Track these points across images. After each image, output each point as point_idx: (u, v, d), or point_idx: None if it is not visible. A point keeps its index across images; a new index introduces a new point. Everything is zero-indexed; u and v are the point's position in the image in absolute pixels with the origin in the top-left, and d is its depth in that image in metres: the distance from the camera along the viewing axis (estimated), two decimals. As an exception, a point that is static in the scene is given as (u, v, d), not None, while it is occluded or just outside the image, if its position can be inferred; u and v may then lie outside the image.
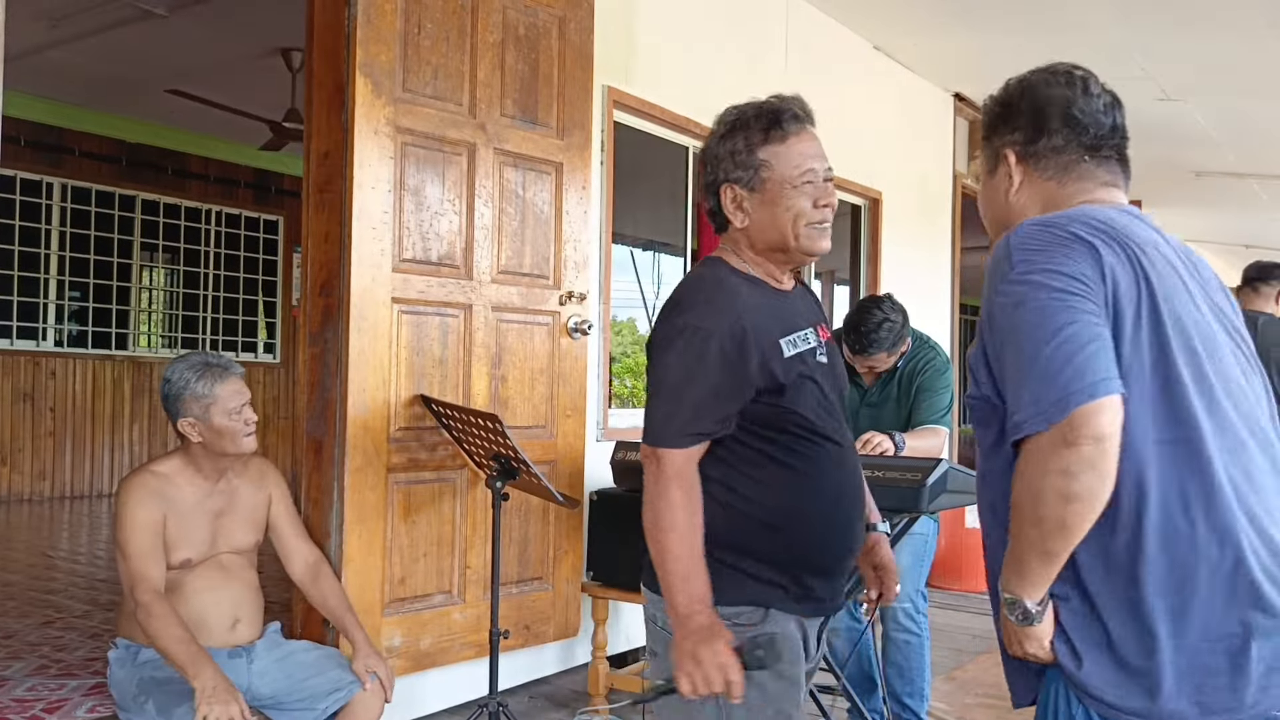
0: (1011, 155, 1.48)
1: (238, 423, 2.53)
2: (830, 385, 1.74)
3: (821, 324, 1.79)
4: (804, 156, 1.69)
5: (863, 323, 3.07)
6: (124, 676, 2.51)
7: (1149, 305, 1.28)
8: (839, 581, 1.77)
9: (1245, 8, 5.12)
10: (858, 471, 1.80)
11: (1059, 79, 1.51)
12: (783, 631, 1.65)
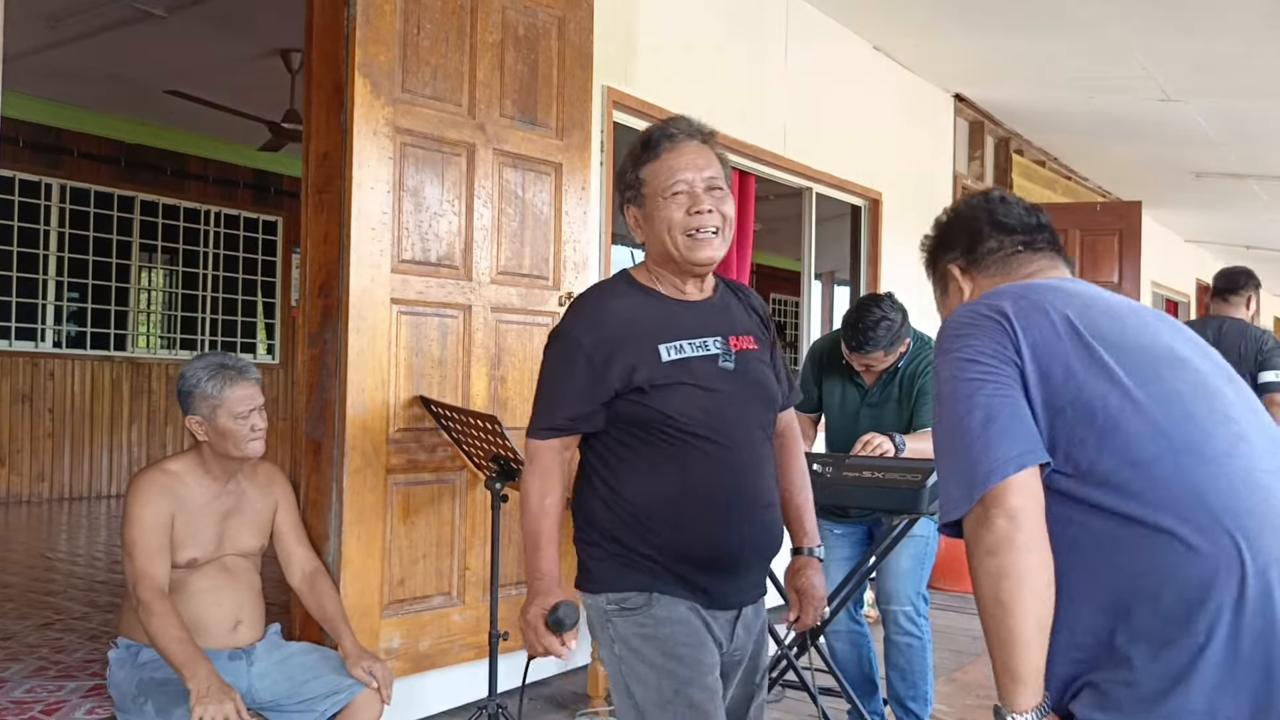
0: (956, 270, 1.60)
1: (243, 427, 2.52)
2: (730, 389, 1.80)
3: (740, 335, 1.87)
4: (674, 169, 1.79)
5: (860, 320, 3.05)
6: (124, 677, 2.50)
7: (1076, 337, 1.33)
8: (731, 580, 1.81)
9: (1246, 8, 5.11)
10: (749, 475, 1.82)
11: (978, 198, 1.67)
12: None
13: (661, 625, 1.77)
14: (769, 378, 1.91)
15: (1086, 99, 6.77)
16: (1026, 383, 1.31)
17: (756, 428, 1.85)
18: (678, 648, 1.75)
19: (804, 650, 2.94)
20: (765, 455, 1.87)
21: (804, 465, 2.06)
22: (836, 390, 3.29)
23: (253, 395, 2.56)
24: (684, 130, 1.83)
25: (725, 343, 1.83)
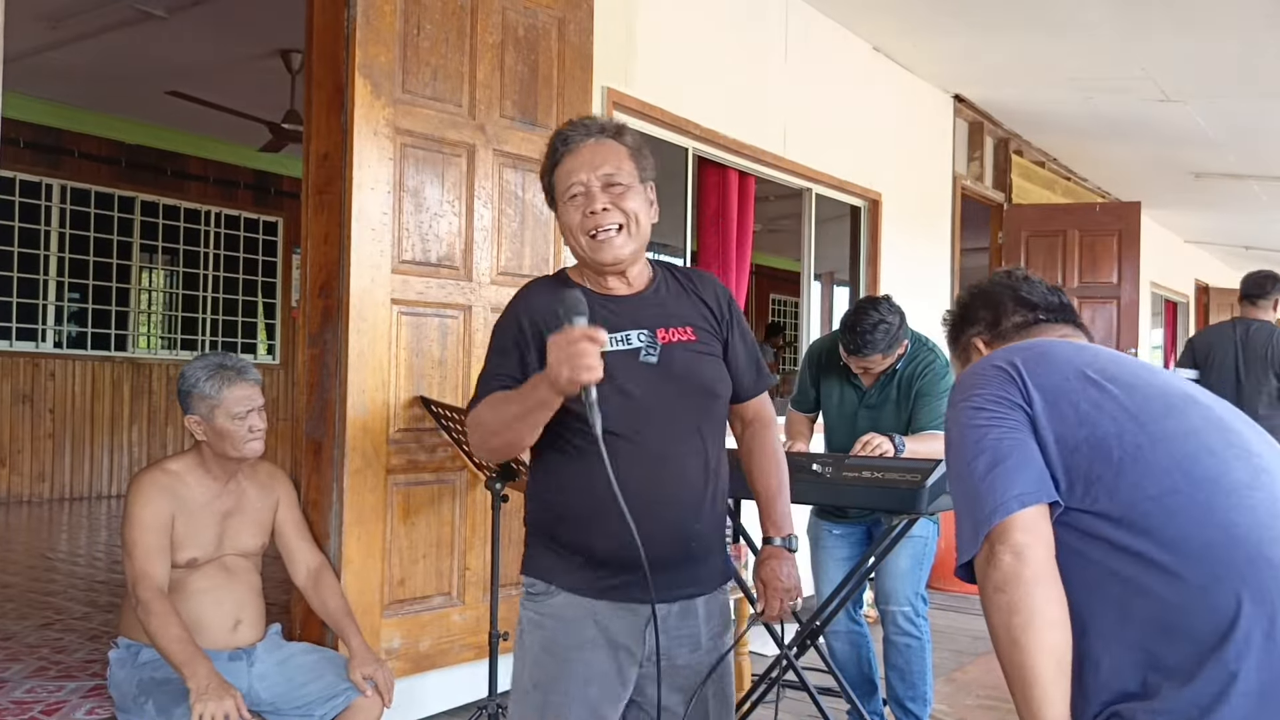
0: (980, 343, 1.63)
1: (240, 428, 2.53)
2: (651, 384, 1.75)
3: (674, 327, 1.81)
4: (569, 173, 1.78)
5: (858, 323, 3.05)
6: (124, 677, 2.51)
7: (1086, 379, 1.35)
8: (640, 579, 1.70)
9: (1245, 9, 5.12)
10: (663, 472, 1.76)
11: (1001, 275, 1.69)
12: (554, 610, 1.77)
13: (549, 619, 1.78)
14: (705, 368, 1.83)
15: (1086, 99, 6.77)
16: (1036, 425, 1.32)
17: (683, 422, 1.79)
18: (555, 645, 1.75)
19: (804, 650, 2.95)
20: (691, 450, 1.79)
21: (776, 453, 1.98)
22: (834, 392, 3.29)
23: (251, 396, 2.56)
24: (579, 131, 1.80)
25: (652, 336, 1.79)
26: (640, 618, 1.77)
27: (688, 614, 1.82)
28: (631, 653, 1.78)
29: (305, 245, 3.22)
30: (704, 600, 1.84)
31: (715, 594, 1.88)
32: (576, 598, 1.76)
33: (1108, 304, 7.64)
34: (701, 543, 1.81)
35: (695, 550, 1.80)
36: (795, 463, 2.79)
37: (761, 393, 1.98)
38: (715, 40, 4.84)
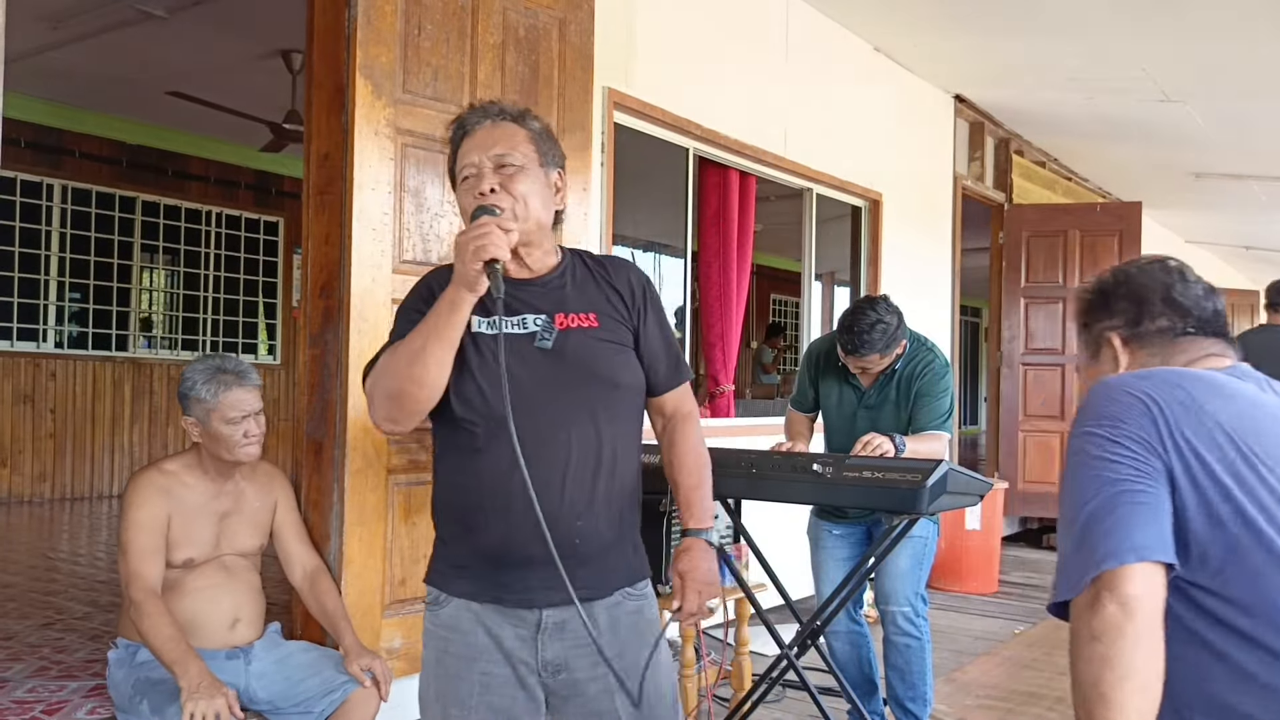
0: (1116, 339, 1.50)
1: (235, 432, 2.53)
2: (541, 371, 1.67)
3: (574, 313, 1.73)
4: (464, 155, 1.74)
5: (855, 324, 3.05)
6: (122, 677, 2.52)
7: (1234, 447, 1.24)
8: (520, 579, 1.68)
9: (1245, 10, 5.12)
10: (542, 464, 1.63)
11: (1157, 267, 1.53)
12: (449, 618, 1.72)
13: (442, 629, 1.73)
14: (604, 356, 1.72)
15: (1087, 100, 6.78)
16: (1175, 483, 1.23)
17: (572, 412, 1.68)
18: (448, 656, 1.71)
19: (804, 650, 2.95)
20: (579, 442, 1.67)
21: (696, 448, 1.86)
22: (833, 392, 3.30)
23: (248, 401, 2.56)
24: (477, 115, 1.76)
25: (549, 321, 1.70)
26: (528, 625, 1.69)
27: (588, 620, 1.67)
28: (527, 664, 1.70)
29: (306, 245, 3.22)
30: (604, 606, 1.72)
31: (621, 600, 1.75)
32: (465, 604, 1.71)
33: (1108, 304, 7.63)
34: (591, 542, 1.69)
35: (582, 550, 1.67)
36: (795, 463, 2.80)
37: (678, 385, 1.86)
38: (716, 40, 4.84)
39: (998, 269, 7.89)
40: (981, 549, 5.96)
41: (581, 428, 1.69)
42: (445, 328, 1.60)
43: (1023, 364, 7.79)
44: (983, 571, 5.98)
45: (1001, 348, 7.86)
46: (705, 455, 1.88)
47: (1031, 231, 7.77)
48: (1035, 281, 7.78)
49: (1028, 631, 4.97)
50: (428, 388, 1.62)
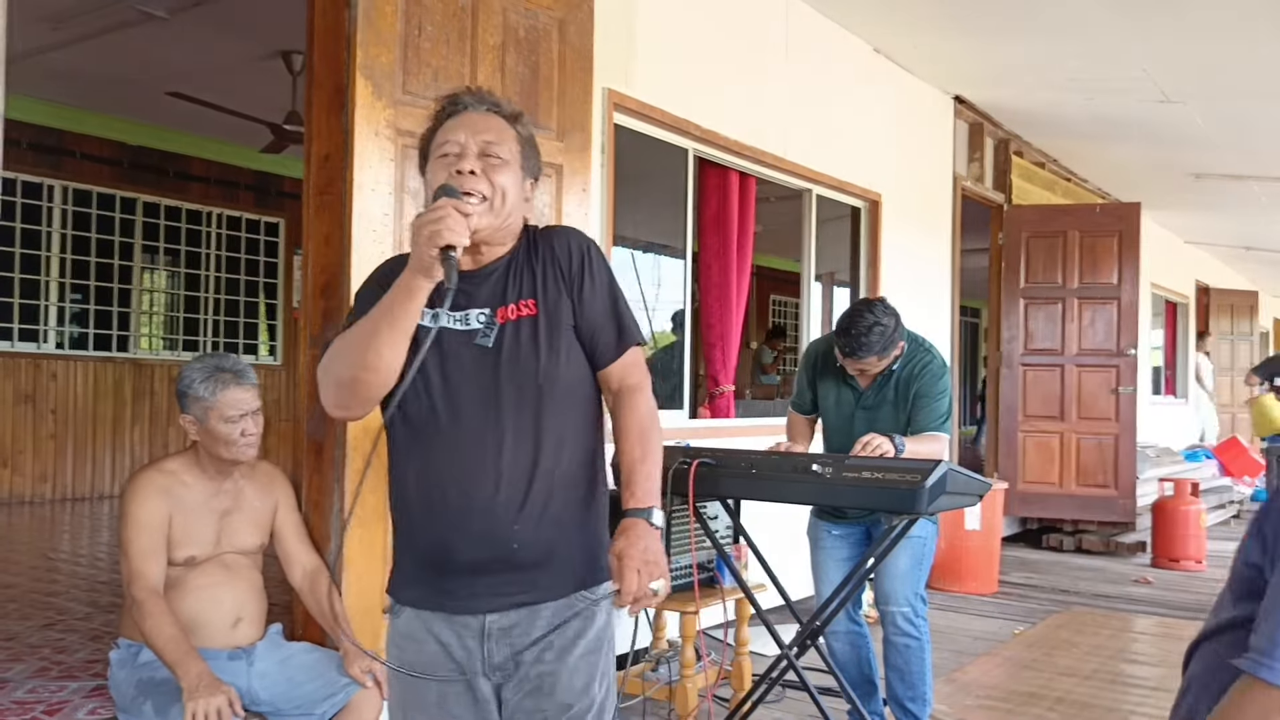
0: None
1: (233, 431, 2.53)
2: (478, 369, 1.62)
3: (514, 303, 1.66)
4: (448, 131, 1.67)
5: (853, 326, 3.05)
6: (124, 677, 2.52)
7: None
8: (464, 583, 1.64)
9: (1245, 10, 5.12)
10: (480, 465, 1.61)
11: None
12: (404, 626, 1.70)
13: (399, 637, 1.72)
14: (543, 350, 1.65)
15: (1086, 100, 6.78)
16: None
17: (508, 412, 1.62)
18: (406, 666, 1.69)
19: (804, 650, 2.95)
20: (514, 443, 1.62)
21: (642, 419, 1.71)
22: (831, 393, 3.30)
23: (244, 400, 2.56)
24: (473, 99, 1.70)
25: (491, 316, 1.65)
26: (472, 631, 1.66)
27: (530, 622, 1.66)
28: (476, 670, 1.67)
29: (306, 246, 3.22)
30: (550, 607, 1.67)
31: (570, 600, 1.68)
32: (415, 613, 1.69)
33: (1108, 305, 7.65)
34: (530, 545, 1.63)
35: (520, 554, 1.62)
36: (795, 463, 2.80)
37: (623, 354, 1.72)
38: (716, 41, 4.85)
39: (997, 270, 7.89)
40: (981, 549, 5.96)
41: (517, 426, 1.62)
42: (400, 315, 1.56)
43: (1022, 364, 7.79)
44: (982, 572, 5.99)
45: (1001, 348, 7.86)
46: (652, 429, 1.72)
47: (1031, 232, 7.77)
48: (1035, 282, 7.78)
49: (1027, 632, 4.98)
50: (381, 373, 1.58)
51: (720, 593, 3.45)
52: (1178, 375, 13.14)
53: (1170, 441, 11.35)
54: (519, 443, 1.62)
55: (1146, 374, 10.70)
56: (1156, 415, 11.30)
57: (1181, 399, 13.08)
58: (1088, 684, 4.09)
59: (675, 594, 3.41)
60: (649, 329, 8.03)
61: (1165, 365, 13.03)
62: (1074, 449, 7.64)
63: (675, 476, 2.89)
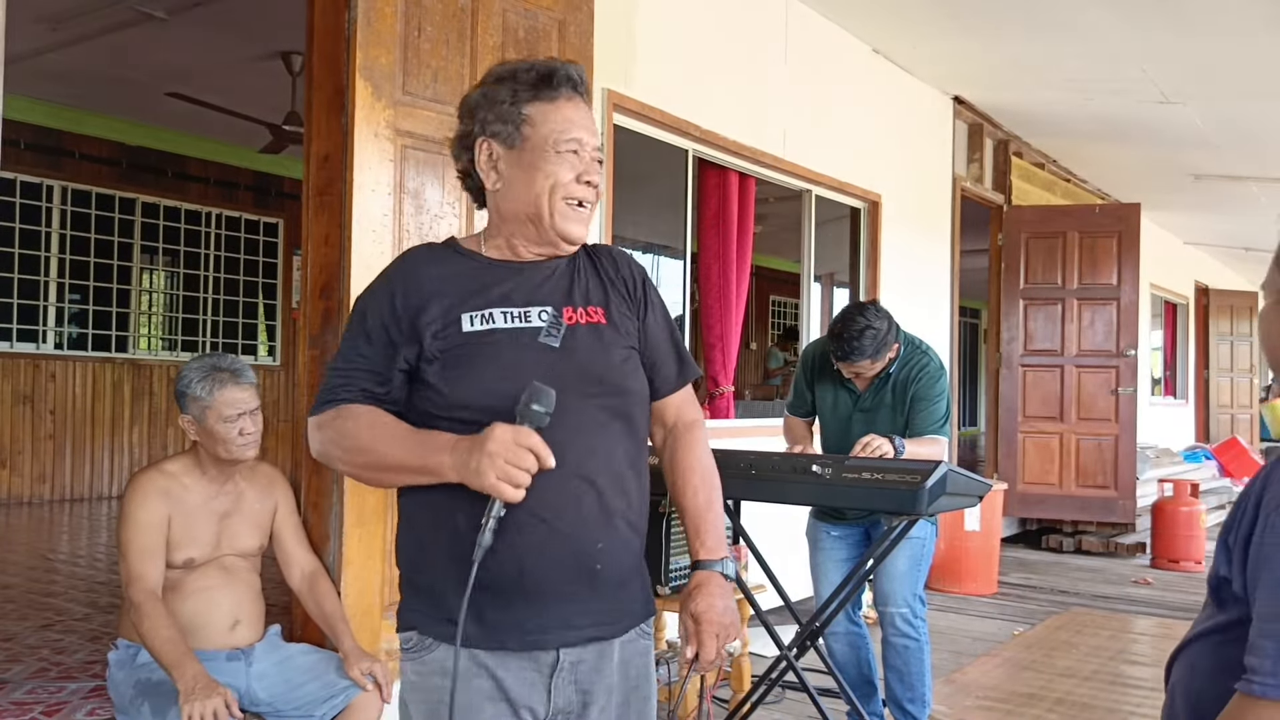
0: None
1: (231, 430, 2.52)
2: (547, 371, 1.43)
3: (582, 306, 1.53)
4: (571, 122, 1.49)
5: (845, 330, 3.05)
6: (122, 678, 2.52)
7: None
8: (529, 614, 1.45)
9: (1244, 11, 5.12)
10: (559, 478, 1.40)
11: None
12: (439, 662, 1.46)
13: (433, 674, 1.47)
14: (616, 360, 1.52)
15: (1085, 101, 6.78)
16: None
17: (584, 420, 1.47)
18: (442, 708, 1.42)
19: (803, 651, 2.95)
20: (593, 454, 1.48)
21: (704, 460, 1.62)
22: (829, 396, 3.30)
23: (242, 399, 2.55)
24: (566, 80, 1.52)
25: (556, 314, 1.49)
26: (541, 667, 1.46)
27: (602, 661, 1.50)
28: (534, 711, 1.46)
29: (306, 247, 3.22)
30: (619, 644, 1.52)
31: (635, 638, 1.54)
32: (447, 647, 1.44)
33: (1107, 305, 7.65)
34: (611, 569, 1.48)
35: (602, 577, 1.47)
36: (795, 464, 2.80)
37: (684, 385, 1.65)
38: (715, 42, 4.84)
39: (997, 270, 7.89)
40: (981, 550, 5.96)
41: (596, 438, 1.48)
42: (417, 479, 1.44)
43: (1022, 365, 7.79)
44: (982, 573, 5.99)
45: (1001, 349, 7.86)
46: (714, 471, 1.63)
47: (1030, 233, 7.77)
48: (1034, 283, 7.79)
49: (1027, 633, 4.98)
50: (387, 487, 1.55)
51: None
52: (1177, 376, 13.15)
53: (1170, 442, 11.36)
54: (599, 455, 1.48)
55: (1146, 375, 10.70)
56: (1156, 416, 11.31)
57: (1181, 400, 13.09)
58: (1087, 685, 4.09)
59: (675, 594, 3.41)
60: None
61: (1165, 366, 13.03)
62: (1074, 450, 7.64)
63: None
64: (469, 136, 1.53)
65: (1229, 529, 1.22)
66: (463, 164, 1.56)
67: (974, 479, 2.79)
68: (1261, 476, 1.22)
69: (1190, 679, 1.27)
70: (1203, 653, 1.25)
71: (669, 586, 3.37)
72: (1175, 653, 1.32)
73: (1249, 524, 1.18)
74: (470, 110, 1.54)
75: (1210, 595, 1.26)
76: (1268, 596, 1.11)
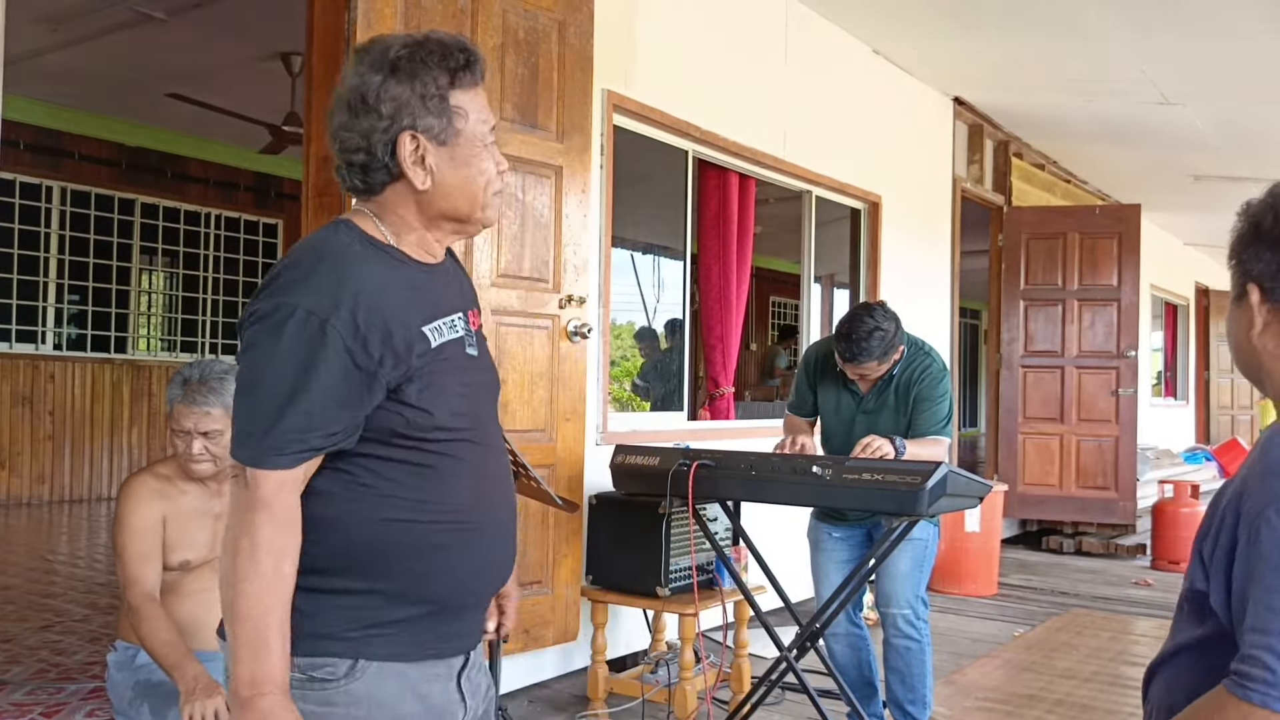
0: (1255, 293, 1.22)
1: (182, 444, 2.48)
2: (477, 383, 1.42)
3: (474, 309, 1.47)
4: (487, 109, 1.41)
5: (853, 331, 3.04)
6: (121, 680, 2.51)
7: None
8: (467, 619, 1.44)
9: (1244, 12, 5.12)
10: (503, 487, 1.46)
11: None
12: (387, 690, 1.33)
13: (354, 707, 1.30)
14: (491, 360, 1.54)
15: (1086, 102, 6.78)
16: None
17: (494, 428, 1.47)
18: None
19: (804, 652, 2.95)
20: (504, 457, 1.49)
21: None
22: (831, 397, 3.29)
23: (193, 417, 2.44)
24: (479, 63, 1.44)
25: (465, 321, 1.42)
26: (453, 670, 1.41)
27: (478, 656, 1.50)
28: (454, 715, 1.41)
29: (305, 247, 3.22)
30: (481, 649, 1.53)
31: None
32: (389, 667, 1.32)
33: (1108, 306, 7.65)
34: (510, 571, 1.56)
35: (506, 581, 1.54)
36: (795, 465, 2.80)
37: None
38: (715, 43, 4.84)
39: (997, 271, 7.89)
40: (981, 551, 5.96)
41: (501, 443, 1.50)
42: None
43: (1022, 366, 7.79)
44: (982, 574, 5.98)
45: (1001, 350, 7.86)
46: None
47: (1030, 234, 7.77)
48: (1034, 284, 7.78)
49: (1027, 634, 4.97)
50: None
51: (719, 595, 3.44)
52: (1178, 377, 13.14)
53: (1170, 443, 11.36)
54: (502, 461, 1.49)
55: (1147, 376, 10.69)
56: (1156, 417, 11.30)
57: (1181, 401, 13.09)
58: (1088, 686, 4.09)
59: (675, 596, 3.40)
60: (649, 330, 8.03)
61: (1165, 367, 13.03)
62: (1074, 451, 7.63)
63: (675, 478, 2.88)
64: (382, 129, 1.33)
65: (1202, 539, 1.20)
66: (360, 153, 1.35)
67: (974, 480, 2.79)
68: (1236, 484, 1.20)
69: (1169, 695, 1.25)
70: (1181, 668, 1.23)
71: (668, 588, 3.37)
72: (1152, 669, 1.30)
73: (1229, 536, 1.15)
74: (378, 98, 1.34)
75: (1184, 608, 1.23)
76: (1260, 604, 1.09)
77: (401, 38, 1.41)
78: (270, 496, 1.23)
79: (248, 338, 1.27)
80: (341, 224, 1.37)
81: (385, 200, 1.38)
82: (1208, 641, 1.18)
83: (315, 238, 1.36)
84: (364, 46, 1.41)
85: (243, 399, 1.27)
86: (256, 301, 1.28)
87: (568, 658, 3.88)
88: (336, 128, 1.37)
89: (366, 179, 1.37)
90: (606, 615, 3.60)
